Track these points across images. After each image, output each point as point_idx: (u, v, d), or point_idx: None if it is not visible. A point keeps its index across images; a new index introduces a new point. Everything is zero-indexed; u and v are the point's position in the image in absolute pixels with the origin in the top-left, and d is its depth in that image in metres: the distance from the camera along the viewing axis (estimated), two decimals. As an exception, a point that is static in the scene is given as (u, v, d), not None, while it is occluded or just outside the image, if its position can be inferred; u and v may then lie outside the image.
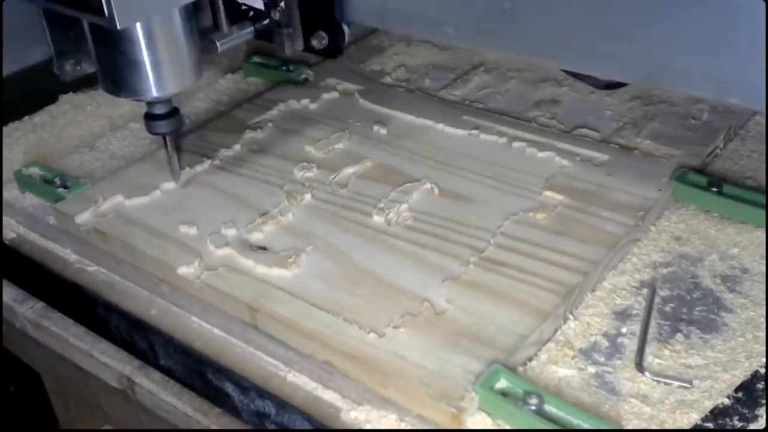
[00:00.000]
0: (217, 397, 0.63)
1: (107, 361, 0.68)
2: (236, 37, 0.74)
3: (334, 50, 0.74)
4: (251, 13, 0.74)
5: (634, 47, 0.60)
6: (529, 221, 0.69)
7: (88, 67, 0.73)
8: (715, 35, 0.56)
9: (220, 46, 0.72)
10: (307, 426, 0.58)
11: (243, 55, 1.02)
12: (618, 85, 0.81)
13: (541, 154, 0.77)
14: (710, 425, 0.54)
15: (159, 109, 0.72)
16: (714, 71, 0.57)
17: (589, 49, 0.63)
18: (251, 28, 0.74)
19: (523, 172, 0.75)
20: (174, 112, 0.72)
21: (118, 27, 0.60)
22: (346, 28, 0.74)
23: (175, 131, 0.74)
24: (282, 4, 0.72)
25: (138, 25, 0.65)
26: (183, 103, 0.95)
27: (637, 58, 0.61)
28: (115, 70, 0.68)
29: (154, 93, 0.69)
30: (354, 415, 0.57)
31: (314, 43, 0.74)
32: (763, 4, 0.53)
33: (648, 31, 0.59)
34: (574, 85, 0.89)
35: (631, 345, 0.60)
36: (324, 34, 0.73)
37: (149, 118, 0.72)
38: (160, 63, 0.67)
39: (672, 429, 0.54)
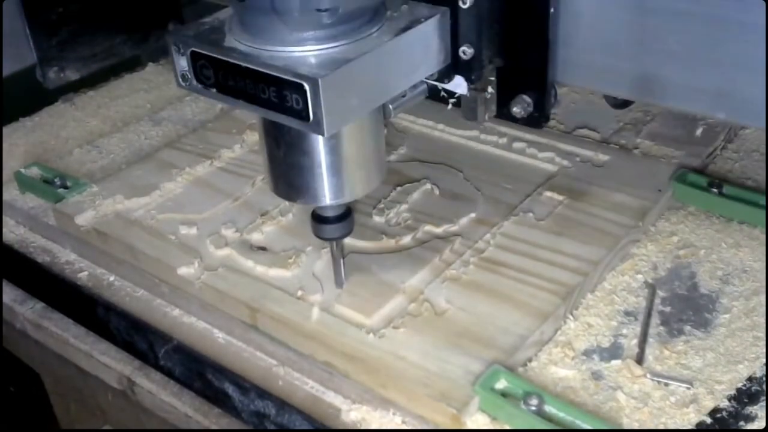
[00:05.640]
0: (217, 398, 0.63)
1: (107, 361, 0.68)
2: (409, 99, 0.60)
3: (539, 118, 0.59)
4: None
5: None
6: (529, 221, 0.69)
7: (72, 74, 0.70)
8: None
9: (394, 111, 0.59)
10: (307, 426, 0.58)
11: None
12: (626, 104, 0.74)
13: (541, 155, 0.77)
14: (710, 425, 0.54)
15: (331, 212, 0.61)
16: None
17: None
18: (424, 87, 0.60)
19: (524, 172, 0.75)
20: (347, 214, 0.61)
21: (326, 134, 0.51)
22: (555, 90, 0.59)
23: (346, 235, 0.62)
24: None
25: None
26: (183, 103, 0.95)
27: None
28: (292, 174, 0.58)
29: (331, 200, 0.58)
30: (354, 415, 0.57)
31: (515, 109, 0.59)
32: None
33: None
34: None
35: (631, 345, 0.60)
36: (528, 99, 0.59)
37: (318, 221, 0.61)
38: (346, 167, 0.57)
39: (672, 429, 0.54)
